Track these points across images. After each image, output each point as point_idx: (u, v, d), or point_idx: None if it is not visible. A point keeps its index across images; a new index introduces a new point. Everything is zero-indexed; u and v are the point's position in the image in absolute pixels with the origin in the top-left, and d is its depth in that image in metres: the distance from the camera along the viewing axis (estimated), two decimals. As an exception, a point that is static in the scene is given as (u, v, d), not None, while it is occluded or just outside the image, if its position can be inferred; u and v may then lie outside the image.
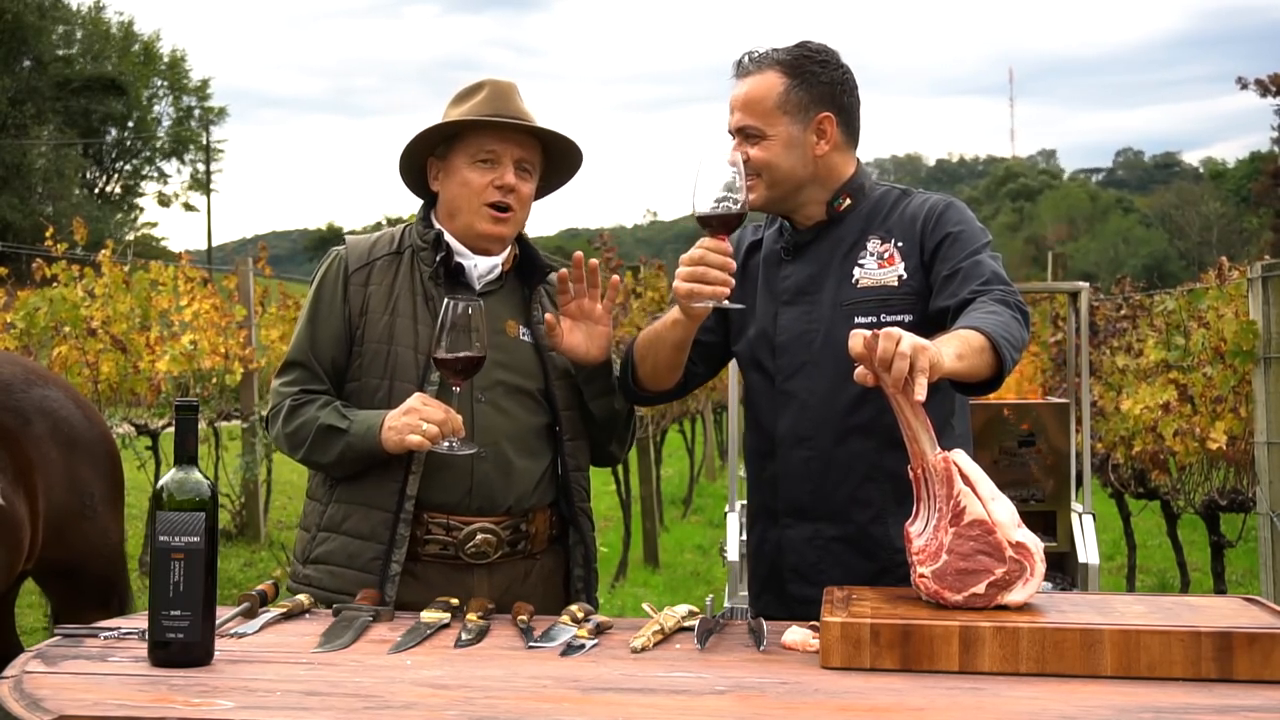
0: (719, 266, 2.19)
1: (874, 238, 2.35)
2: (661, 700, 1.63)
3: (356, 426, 2.30)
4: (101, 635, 1.95)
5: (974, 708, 1.58)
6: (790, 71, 2.34)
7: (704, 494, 11.88)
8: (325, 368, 2.41)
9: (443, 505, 2.34)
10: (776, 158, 2.33)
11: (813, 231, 2.40)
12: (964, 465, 1.91)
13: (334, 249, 2.52)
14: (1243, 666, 1.69)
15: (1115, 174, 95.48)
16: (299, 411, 2.37)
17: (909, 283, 2.29)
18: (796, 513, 2.36)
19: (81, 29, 42.40)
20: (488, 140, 2.40)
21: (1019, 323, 2.15)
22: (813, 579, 2.29)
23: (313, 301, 2.46)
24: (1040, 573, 1.87)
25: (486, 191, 2.39)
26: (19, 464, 3.15)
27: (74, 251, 6.90)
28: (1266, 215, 34.48)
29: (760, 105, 2.33)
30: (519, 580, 2.40)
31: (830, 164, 2.37)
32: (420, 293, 2.41)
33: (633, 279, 8.62)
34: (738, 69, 2.39)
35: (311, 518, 2.45)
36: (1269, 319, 4.60)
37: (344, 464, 2.33)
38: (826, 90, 2.34)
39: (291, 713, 1.57)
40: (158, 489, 1.83)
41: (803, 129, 2.33)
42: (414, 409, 2.25)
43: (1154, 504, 5.93)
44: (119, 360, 6.72)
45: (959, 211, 2.34)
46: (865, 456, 2.29)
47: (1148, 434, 5.22)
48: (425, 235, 2.45)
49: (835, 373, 2.28)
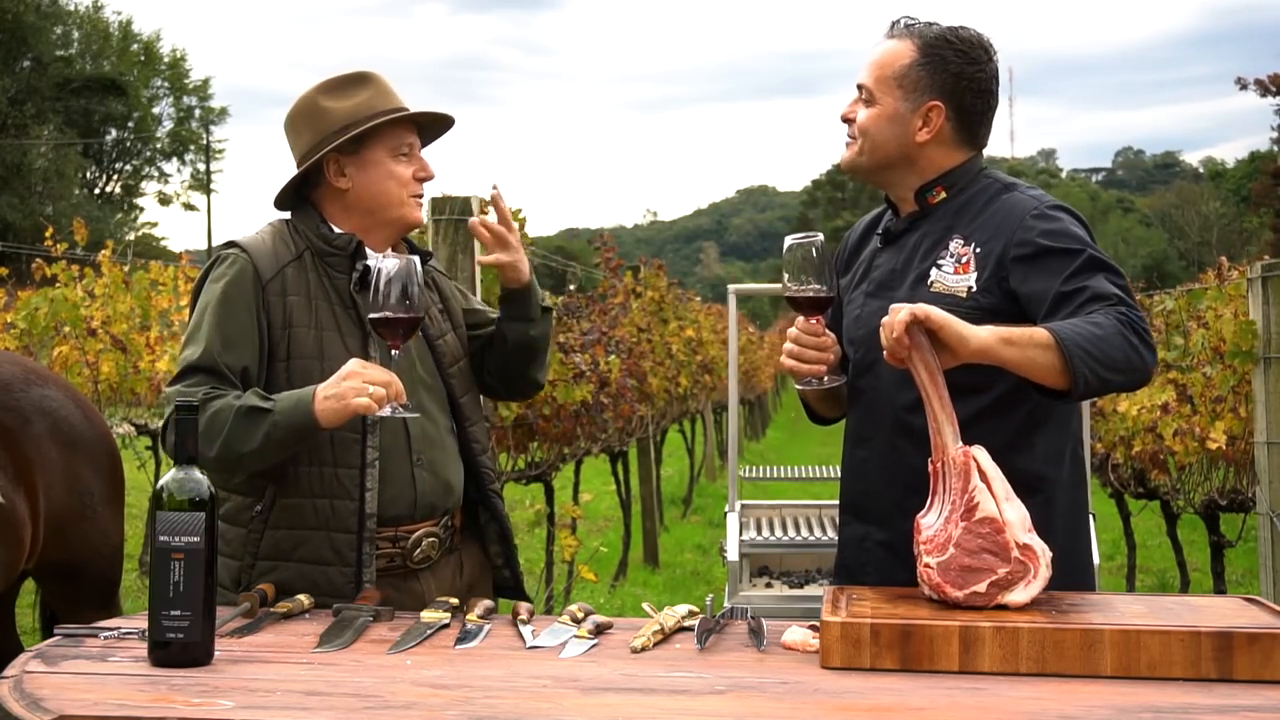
0: (813, 347, 2.21)
1: (957, 237, 2.24)
2: (661, 700, 1.63)
3: (283, 403, 2.17)
4: (101, 635, 1.95)
5: (974, 708, 1.58)
6: (923, 49, 2.26)
7: (704, 494, 11.88)
8: (234, 372, 2.25)
9: (391, 519, 2.33)
10: (875, 126, 2.29)
11: (907, 221, 2.34)
12: (983, 462, 1.91)
13: (230, 251, 2.36)
14: (1243, 666, 1.69)
15: (1115, 174, 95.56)
16: (209, 405, 2.18)
17: (977, 296, 2.17)
18: (852, 511, 2.36)
19: (80, 29, 42.38)
20: (405, 134, 2.42)
21: (1126, 344, 1.99)
22: (858, 579, 2.26)
23: (219, 305, 2.29)
24: (1044, 577, 1.86)
25: (411, 184, 2.42)
26: (19, 464, 3.14)
27: (74, 251, 6.90)
28: (1266, 215, 34.50)
29: (881, 71, 2.29)
30: (455, 575, 2.44)
31: (930, 155, 2.28)
32: (338, 302, 2.36)
33: (633, 279, 8.61)
34: (890, 28, 2.34)
35: (240, 544, 2.30)
36: (1269, 319, 4.59)
37: (269, 448, 2.17)
38: (950, 81, 2.25)
39: (291, 713, 1.57)
40: (158, 489, 1.83)
41: (911, 109, 2.26)
42: (355, 373, 2.14)
43: (1154, 504, 5.92)
44: (119, 360, 6.71)
45: (1060, 220, 2.18)
46: (914, 465, 2.17)
47: (1147, 434, 5.21)
48: (335, 240, 2.38)
49: (898, 375, 2.17)
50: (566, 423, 5.21)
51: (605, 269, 8.22)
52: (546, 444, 5.24)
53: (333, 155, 2.38)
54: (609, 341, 7.26)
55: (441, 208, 3.97)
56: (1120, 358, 1.99)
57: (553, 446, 5.35)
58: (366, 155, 2.39)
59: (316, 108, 2.41)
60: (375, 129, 2.37)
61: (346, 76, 2.44)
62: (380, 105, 2.40)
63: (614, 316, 7.84)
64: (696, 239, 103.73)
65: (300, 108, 2.44)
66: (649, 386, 7.91)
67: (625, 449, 7.71)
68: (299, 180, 2.44)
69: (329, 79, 2.45)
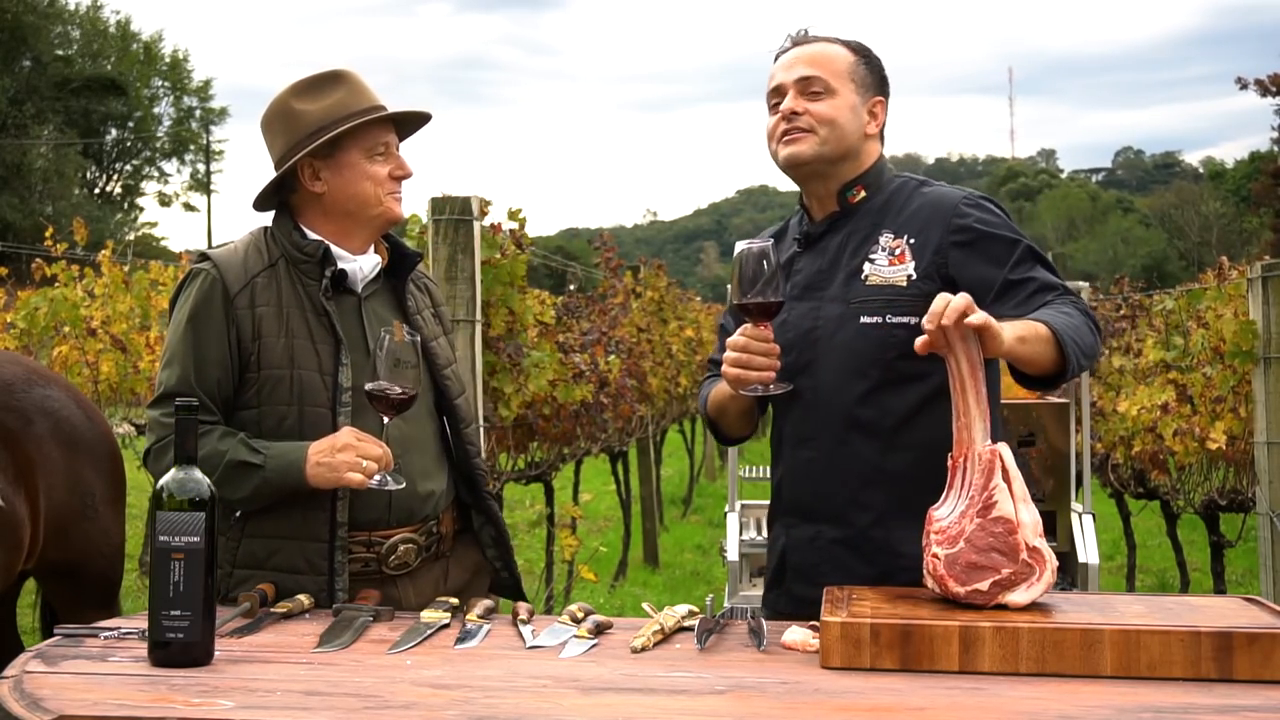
0: (762, 353, 2.22)
1: (887, 232, 2.31)
2: (661, 700, 1.63)
3: (273, 462, 2.22)
4: (101, 635, 1.95)
5: (974, 708, 1.58)
6: (856, 51, 2.39)
7: (704, 494, 11.89)
8: (211, 396, 2.28)
9: (365, 524, 2.32)
10: (843, 116, 2.33)
11: (825, 223, 2.38)
12: (1008, 462, 1.91)
13: (199, 267, 2.36)
14: (1243, 666, 1.69)
15: (1115, 174, 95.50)
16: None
17: (918, 284, 2.25)
18: (800, 513, 2.36)
19: (79, 29, 42.40)
20: (380, 133, 2.39)
21: (1091, 331, 2.14)
22: (813, 579, 2.29)
23: (188, 327, 2.30)
24: (1048, 581, 1.86)
25: (387, 182, 2.39)
26: (20, 464, 3.15)
27: (74, 251, 6.90)
28: (1266, 215, 34.49)
29: (832, 65, 2.35)
30: (440, 581, 2.42)
31: (869, 149, 2.37)
32: (310, 308, 2.33)
33: (632, 279, 8.62)
34: (795, 38, 2.41)
35: (220, 552, 2.26)
36: (1269, 319, 4.60)
37: (257, 499, 2.25)
38: (881, 78, 2.40)
39: (291, 713, 1.57)
40: (158, 489, 1.83)
41: (862, 103, 2.36)
42: (350, 445, 2.19)
43: (1154, 504, 5.93)
44: (119, 360, 6.72)
45: (992, 210, 2.30)
46: (867, 459, 2.28)
47: (1147, 434, 5.22)
48: (305, 246, 2.36)
49: (840, 372, 2.28)
50: (566, 423, 5.22)
51: (605, 269, 8.23)
52: (546, 444, 5.25)
53: (306, 160, 2.35)
54: (609, 341, 7.26)
55: (441, 208, 3.97)
56: (1090, 343, 2.13)
57: (553, 446, 5.36)
58: (341, 158, 2.36)
59: (289, 110, 2.37)
60: (349, 130, 2.33)
61: (319, 76, 2.39)
62: (354, 105, 2.36)
63: (614, 316, 7.85)
64: (696, 239, 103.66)
65: (273, 110, 2.41)
66: (649, 386, 7.91)
67: (625, 449, 7.72)
68: (276, 184, 2.41)
69: (301, 79, 2.40)
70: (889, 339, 2.25)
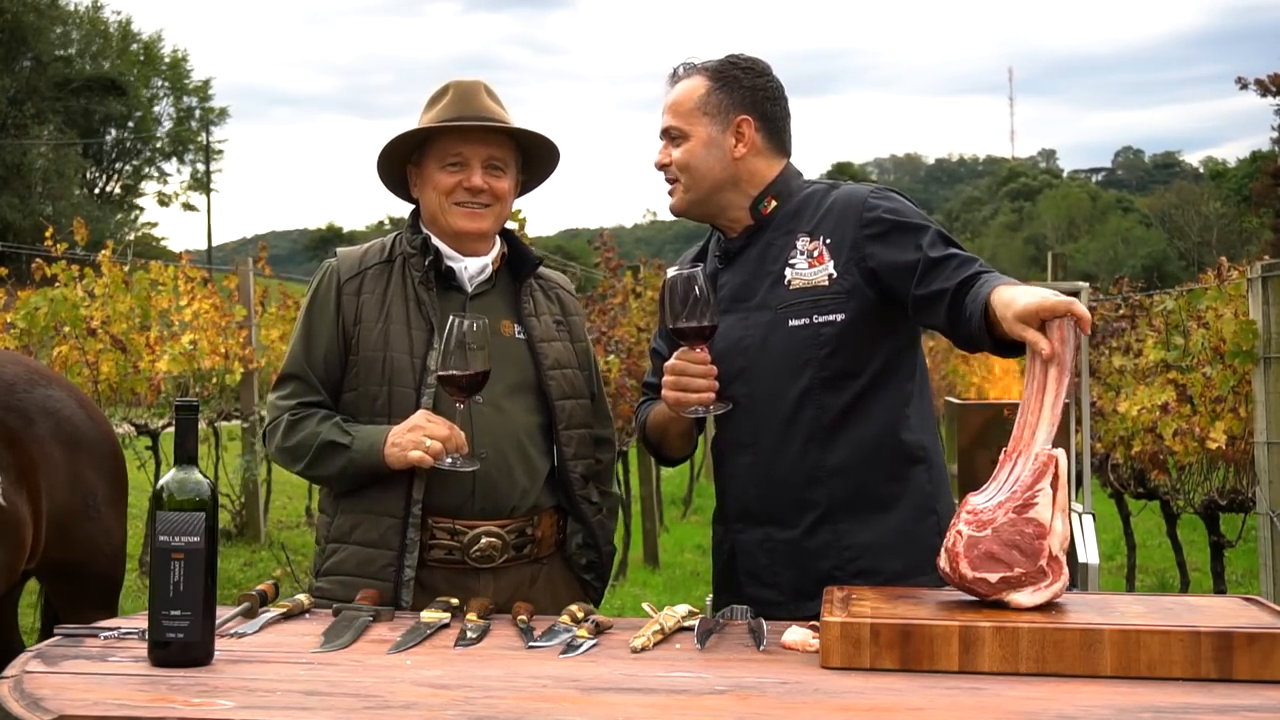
0: (700, 375, 2.25)
1: (803, 236, 2.34)
2: (661, 700, 1.63)
3: (359, 443, 2.32)
4: (101, 635, 1.95)
5: (974, 708, 1.58)
6: (714, 77, 2.40)
7: (704, 494, 11.87)
8: (321, 379, 2.42)
9: (447, 509, 2.35)
10: (695, 157, 2.37)
11: (743, 237, 2.41)
12: (1060, 470, 1.91)
13: (327, 261, 2.54)
14: (1243, 666, 1.69)
15: (1115, 174, 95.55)
16: (298, 426, 2.39)
17: (839, 281, 2.29)
18: (746, 517, 2.38)
19: (80, 29, 42.40)
20: (454, 144, 2.43)
21: None
22: (767, 581, 2.32)
23: (306, 314, 2.48)
24: (1055, 590, 1.85)
25: (455, 192, 2.43)
26: (22, 464, 3.15)
27: (74, 251, 6.90)
28: (1266, 215, 34.46)
29: (682, 107, 2.39)
30: (525, 584, 2.40)
31: (751, 168, 2.39)
32: (413, 298, 2.43)
33: (632, 279, 8.62)
34: (671, 77, 2.45)
35: (321, 530, 2.48)
36: (1269, 319, 4.60)
37: (346, 479, 2.36)
38: (748, 95, 2.38)
39: (291, 713, 1.57)
40: (158, 489, 1.83)
41: (721, 130, 2.37)
42: (418, 425, 2.27)
43: (1154, 504, 5.93)
44: (119, 360, 6.73)
45: (898, 200, 2.33)
46: (808, 458, 2.30)
47: (1147, 434, 5.22)
48: (413, 241, 2.47)
49: (773, 376, 2.31)
50: (566, 423, 5.20)
51: (605, 269, 8.24)
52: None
53: (410, 168, 2.51)
54: (609, 341, 7.26)
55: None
56: None
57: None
58: (424, 167, 2.48)
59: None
60: (430, 141, 2.44)
61: (438, 90, 2.49)
62: (444, 117, 2.42)
63: (614, 316, 7.85)
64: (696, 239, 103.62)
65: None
66: (649, 386, 7.89)
67: (625, 449, 7.72)
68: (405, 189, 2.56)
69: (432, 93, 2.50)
70: (817, 338, 2.28)
